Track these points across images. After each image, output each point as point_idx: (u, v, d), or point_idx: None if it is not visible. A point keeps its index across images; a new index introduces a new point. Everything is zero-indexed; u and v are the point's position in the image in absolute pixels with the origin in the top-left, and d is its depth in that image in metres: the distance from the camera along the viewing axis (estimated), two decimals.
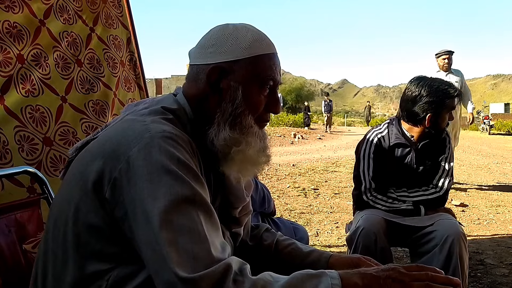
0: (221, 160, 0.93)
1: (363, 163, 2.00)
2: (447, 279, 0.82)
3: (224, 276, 0.71)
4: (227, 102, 0.91)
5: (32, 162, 1.73)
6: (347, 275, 0.80)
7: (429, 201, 1.93)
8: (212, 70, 0.91)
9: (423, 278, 0.81)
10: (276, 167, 7.17)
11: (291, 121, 19.87)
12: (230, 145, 0.90)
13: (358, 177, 2.00)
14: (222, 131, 0.90)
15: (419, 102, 1.93)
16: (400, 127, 2.03)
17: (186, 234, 0.72)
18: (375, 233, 1.72)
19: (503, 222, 4.07)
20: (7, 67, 1.70)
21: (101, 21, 2.21)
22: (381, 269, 0.83)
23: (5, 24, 1.71)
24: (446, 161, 2.02)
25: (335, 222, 4.01)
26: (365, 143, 2.04)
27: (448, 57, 5.42)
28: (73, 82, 1.98)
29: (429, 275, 0.82)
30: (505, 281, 2.52)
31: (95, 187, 0.79)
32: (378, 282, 0.80)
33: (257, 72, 0.92)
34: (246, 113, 0.92)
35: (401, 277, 0.81)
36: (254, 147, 0.92)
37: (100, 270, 0.79)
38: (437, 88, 1.92)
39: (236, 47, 0.91)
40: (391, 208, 1.91)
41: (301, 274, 0.78)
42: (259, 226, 1.20)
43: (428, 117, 1.92)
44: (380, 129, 2.07)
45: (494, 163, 8.69)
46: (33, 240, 1.30)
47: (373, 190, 1.96)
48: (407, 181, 2.00)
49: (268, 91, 0.95)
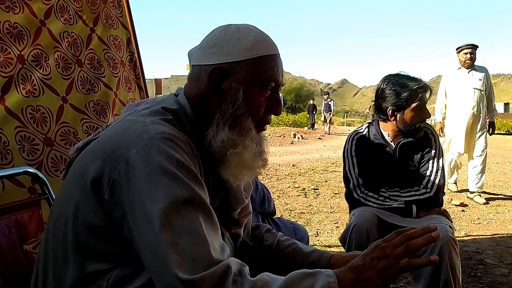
0: (218, 162, 0.93)
1: (348, 162, 2.02)
2: (423, 230, 0.86)
3: (223, 277, 0.71)
4: (227, 103, 0.91)
5: (33, 162, 1.73)
6: (341, 272, 0.83)
7: (420, 201, 1.91)
8: (213, 70, 0.91)
9: (401, 241, 0.85)
10: (276, 167, 7.17)
11: (291, 121, 19.88)
12: (227, 146, 0.90)
13: (346, 176, 2.02)
14: (220, 132, 0.90)
15: (381, 97, 1.96)
16: (379, 126, 2.04)
17: (185, 236, 0.72)
18: (367, 228, 1.72)
19: (503, 221, 4.07)
20: (8, 68, 1.70)
21: (101, 21, 2.21)
22: (365, 254, 0.86)
23: (6, 25, 1.71)
24: (434, 160, 1.97)
25: (335, 222, 4.01)
26: (347, 142, 2.07)
27: (471, 51, 4.62)
28: (73, 82, 1.98)
29: (406, 235, 0.85)
30: (505, 280, 2.52)
31: (94, 188, 0.79)
32: (367, 267, 0.83)
33: (259, 74, 0.92)
34: (246, 115, 0.91)
35: (383, 251, 0.84)
36: (251, 150, 0.92)
37: (100, 270, 0.80)
38: (396, 82, 1.91)
39: (238, 48, 0.91)
40: (382, 206, 1.90)
41: (298, 273, 0.80)
42: (260, 226, 1.20)
43: (389, 111, 1.93)
44: (361, 129, 2.10)
45: (493, 162, 8.68)
46: (33, 241, 1.30)
47: (362, 187, 1.96)
48: (398, 181, 1.99)
49: (270, 92, 0.95)
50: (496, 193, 5.45)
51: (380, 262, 0.83)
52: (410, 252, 0.83)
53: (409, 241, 0.84)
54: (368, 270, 0.83)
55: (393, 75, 1.97)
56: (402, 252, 0.83)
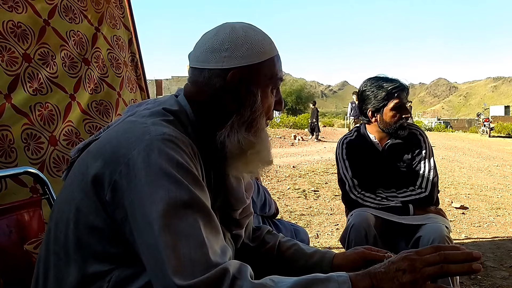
0: (230, 161, 0.93)
1: (341, 165, 2.05)
2: (465, 254, 0.76)
3: (220, 282, 0.70)
4: (246, 106, 0.91)
5: (36, 162, 1.73)
6: (357, 278, 0.77)
7: (417, 200, 1.93)
8: (232, 75, 0.90)
9: (436, 260, 0.76)
10: (276, 168, 7.16)
11: (291, 122, 19.90)
12: (245, 147, 0.90)
13: (341, 179, 2.04)
14: (236, 133, 0.90)
15: (361, 99, 2.01)
16: (365, 130, 2.07)
17: (184, 239, 0.72)
18: (365, 228, 1.74)
19: (503, 224, 4.07)
20: (14, 66, 1.70)
21: (105, 21, 2.22)
22: (391, 262, 0.79)
23: (9, 24, 1.71)
24: (425, 160, 2.00)
25: (335, 224, 4.01)
26: (337, 147, 2.11)
27: None
28: (81, 80, 1.99)
29: (442, 255, 0.76)
30: (505, 283, 2.52)
31: (95, 189, 0.79)
32: (389, 277, 0.76)
33: (271, 75, 0.94)
34: (262, 116, 0.93)
35: (412, 265, 0.76)
36: (267, 147, 0.95)
37: (101, 271, 0.80)
38: (373, 84, 1.97)
39: (252, 51, 0.91)
40: (380, 206, 1.92)
41: (305, 279, 0.76)
42: (261, 228, 1.19)
43: (369, 113, 1.97)
44: (350, 134, 2.14)
45: (494, 165, 8.68)
46: (34, 241, 1.30)
47: (358, 187, 1.98)
48: (392, 182, 2.01)
49: (275, 90, 0.98)
50: (497, 195, 5.45)
51: (406, 276, 0.75)
52: (442, 276, 0.75)
53: (445, 263, 0.75)
54: (390, 280, 0.76)
55: (371, 78, 2.03)
56: (433, 272, 0.75)
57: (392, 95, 1.92)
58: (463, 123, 44.23)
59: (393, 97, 1.92)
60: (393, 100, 1.92)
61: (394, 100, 1.92)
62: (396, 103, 1.92)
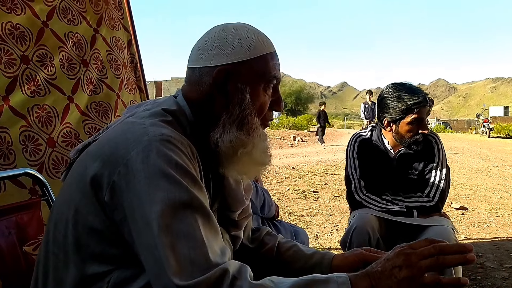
0: (224, 162, 0.92)
1: (350, 163, 2.01)
2: (458, 247, 0.78)
3: (220, 282, 0.70)
4: (234, 104, 0.91)
5: (34, 163, 1.72)
6: (356, 278, 0.77)
7: (422, 207, 1.90)
8: (218, 72, 0.90)
9: (431, 252, 0.77)
10: (276, 169, 7.16)
11: (291, 123, 19.91)
12: (236, 146, 0.89)
13: (347, 177, 2.01)
14: (228, 132, 0.90)
15: (380, 105, 1.95)
16: (380, 132, 2.02)
17: (183, 239, 0.72)
18: (368, 231, 1.71)
19: (502, 225, 4.07)
20: (11, 68, 1.70)
21: (104, 22, 2.22)
22: (386, 259, 0.79)
23: (8, 26, 1.71)
24: (436, 169, 1.95)
25: (335, 224, 4.01)
26: (349, 144, 2.06)
27: None
28: (79, 82, 1.98)
29: (437, 247, 0.77)
30: (505, 284, 2.52)
31: (94, 190, 0.79)
32: (386, 275, 0.77)
33: (262, 72, 0.92)
34: (253, 114, 0.92)
35: (408, 259, 0.76)
36: (259, 148, 0.93)
37: (101, 272, 0.79)
38: (394, 93, 1.88)
39: (240, 48, 0.91)
40: (384, 209, 1.89)
41: (305, 280, 0.76)
42: (260, 229, 1.19)
43: (385, 122, 1.92)
44: (365, 131, 2.08)
45: (493, 166, 8.69)
46: (33, 242, 1.30)
47: (364, 189, 1.95)
48: (399, 188, 1.98)
49: (272, 90, 0.96)
50: (496, 196, 5.45)
51: (402, 271, 0.76)
52: (439, 268, 0.76)
53: (440, 255, 0.76)
54: (388, 278, 0.76)
55: (395, 85, 1.94)
56: (429, 264, 0.76)
57: (411, 111, 1.84)
58: (462, 124, 44.26)
59: (412, 112, 1.84)
60: (411, 115, 1.84)
61: (412, 115, 1.84)
62: (413, 118, 1.84)
